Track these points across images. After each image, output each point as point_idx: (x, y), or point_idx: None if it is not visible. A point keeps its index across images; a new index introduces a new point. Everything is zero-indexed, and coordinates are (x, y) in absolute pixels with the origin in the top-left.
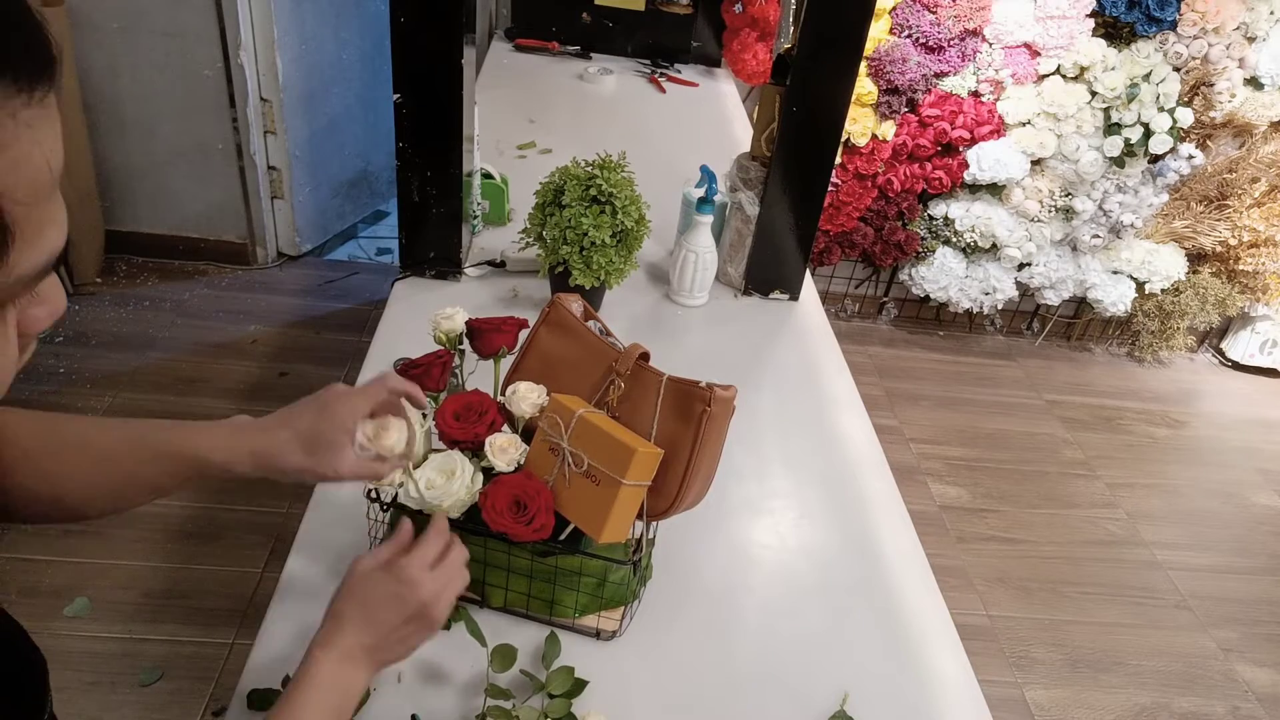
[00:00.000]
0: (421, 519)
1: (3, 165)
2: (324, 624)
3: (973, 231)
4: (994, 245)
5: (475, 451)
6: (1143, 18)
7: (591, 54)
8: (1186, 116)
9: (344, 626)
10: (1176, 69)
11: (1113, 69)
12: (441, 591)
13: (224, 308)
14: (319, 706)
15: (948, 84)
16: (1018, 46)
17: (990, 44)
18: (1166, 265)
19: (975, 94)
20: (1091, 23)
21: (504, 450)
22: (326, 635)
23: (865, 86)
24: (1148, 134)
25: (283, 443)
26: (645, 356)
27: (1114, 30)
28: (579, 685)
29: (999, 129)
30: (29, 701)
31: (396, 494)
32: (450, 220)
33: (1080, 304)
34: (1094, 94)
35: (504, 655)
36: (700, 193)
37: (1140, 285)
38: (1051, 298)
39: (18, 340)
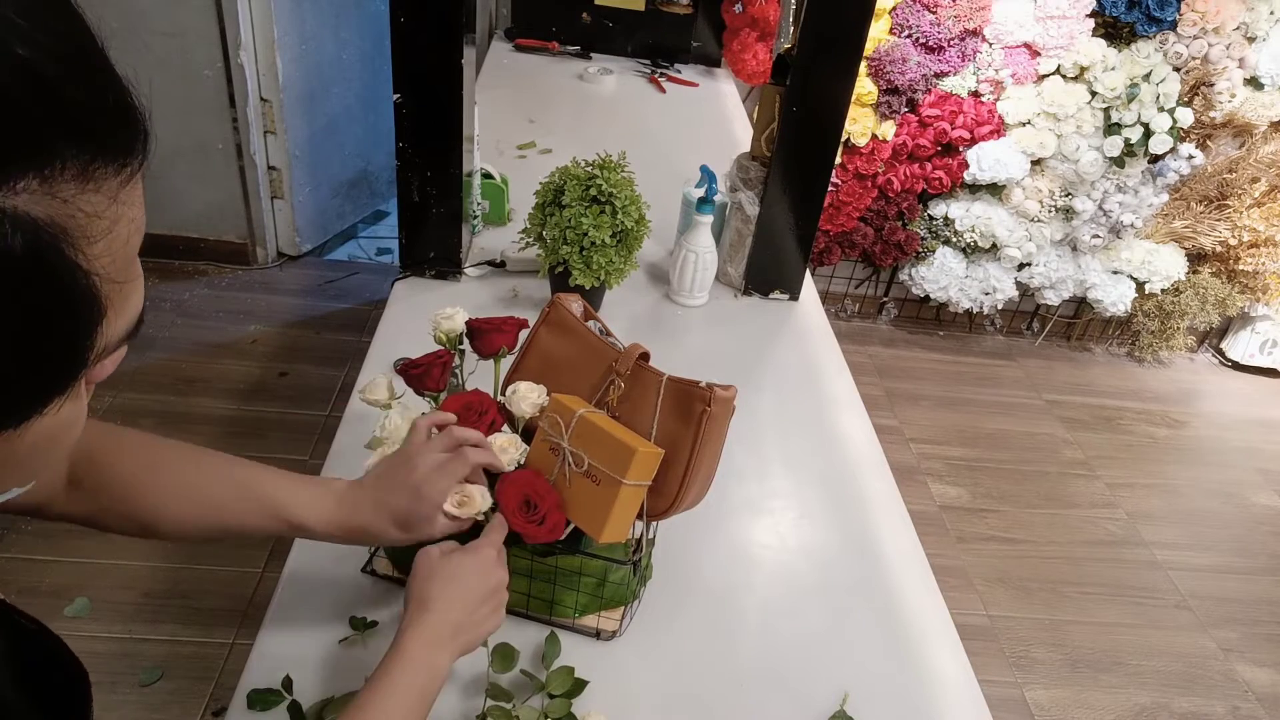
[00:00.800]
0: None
1: (102, 248)
2: (408, 609)
3: (973, 231)
4: (994, 245)
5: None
6: (1143, 18)
7: (591, 54)
8: (1186, 116)
9: (431, 605)
10: (1176, 69)
11: (1113, 69)
12: (506, 576)
13: (224, 308)
14: (410, 686)
15: (948, 84)
16: (1018, 46)
17: (990, 44)
18: (1166, 265)
19: (975, 94)
20: (1091, 23)
21: (504, 450)
22: (413, 618)
23: (865, 86)
24: (1148, 134)
25: (382, 526)
26: (645, 356)
27: (1114, 30)
28: (579, 685)
29: (999, 129)
30: (76, 715)
31: None
32: (450, 220)
33: (1080, 304)
34: (1094, 94)
35: (504, 655)
36: (700, 193)
37: (1140, 285)
38: (1051, 298)
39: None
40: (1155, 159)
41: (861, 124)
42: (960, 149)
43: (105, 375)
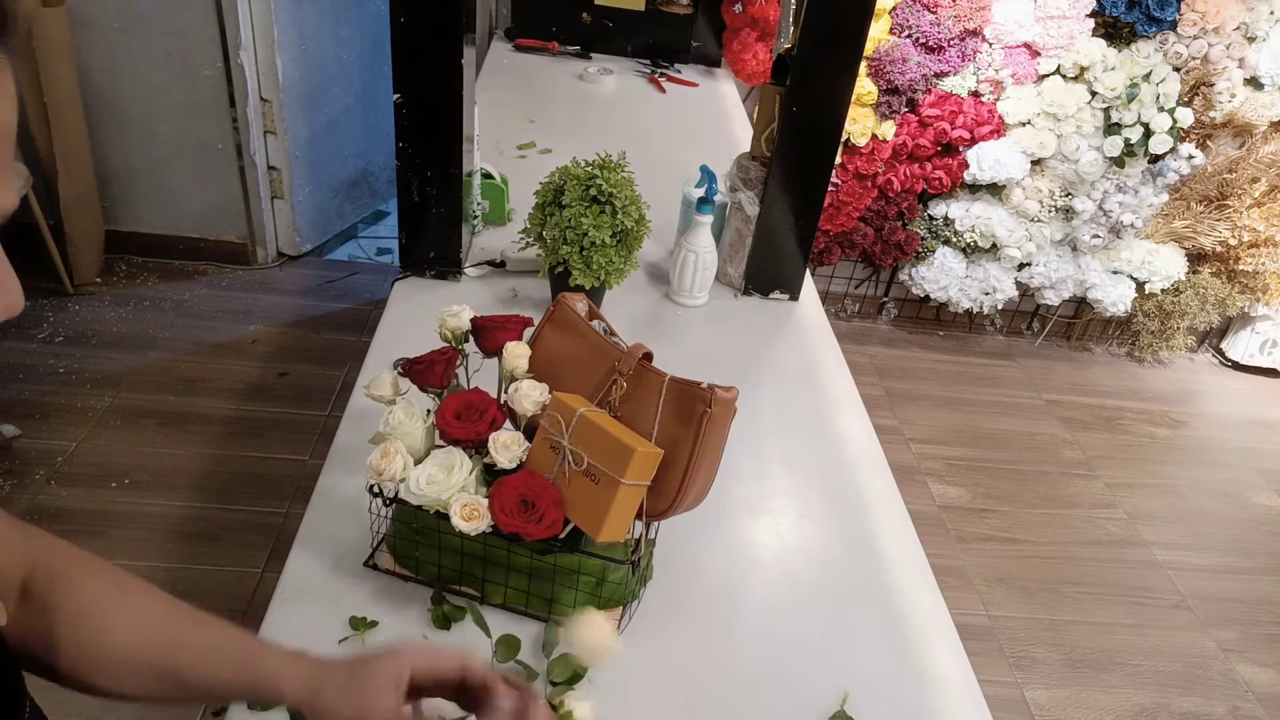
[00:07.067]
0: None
1: None
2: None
3: (973, 231)
4: (994, 245)
5: (477, 449)
6: (1143, 18)
7: (591, 54)
8: (1186, 116)
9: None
10: (1176, 69)
11: (1113, 69)
12: None
13: (224, 308)
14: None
15: (948, 84)
16: (1018, 46)
17: (990, 44)
18: (1166, 265)
19: (975, 94)
20: (1091, 23)
21: (507, 447)
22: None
23: (865, 86)
24: (1148, 134)
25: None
26: (648, 357)
27: (1114, 30)
28: (579, 672)
29: (999, 129)
30: (3, 707)
31: (398, 490)
32: (450, 220)
33: (1080, 304)
34: (1094, 94)
35: (508, 645)
36: (700, 193)
37: (1140, 285)
38: (1051, 298)
39: None
40: (1155, 159)
41: (861, 124)
42: (960, 149)
43: None
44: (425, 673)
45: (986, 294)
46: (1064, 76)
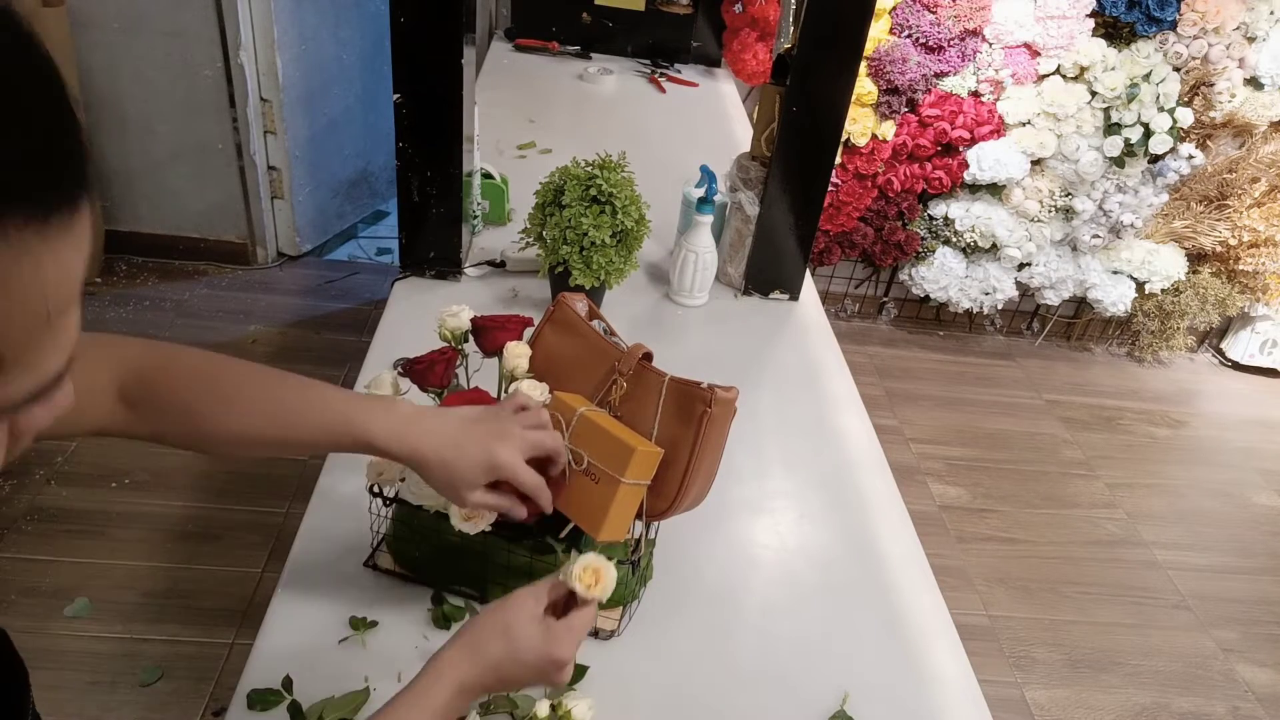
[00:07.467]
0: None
1: None
2: (463, 645)
3: (973, 231)
4: (994, 245)
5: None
6: (1143, 18)
7: (591, 54)
8: (1186, 116)
9: (481, 664)
10: (1176, 69)
11: (1113, 69)
12: (569, 665)
13: (224, 308)
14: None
15: (948, 84)
16: (1018, 46)
17: (990, 44)
18: (1166, 265)
19: (975, 94)
20: (1091, 23)
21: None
22: (460, 661)
23: (865, 86)
24: (1148, 134)
25: (435, 458)
26: (649, 356)
27: (1114, 30)
28: (579, 671)
29: (999, 129)
30: (8, 710)
31: (398, 490)
32: (450, 220)
33: (1080, 304)
34: (1094, 94)
35: None
36: (700, 193)
37: (1140, 285)
38: (1051, 298)
39: (11, 437)
40: (1155, 159)
41: (861, 124)
42: (960, 149)
43: (38, 426)
44: (534, 450)
45: (986, 294)
46: (1064, 76)
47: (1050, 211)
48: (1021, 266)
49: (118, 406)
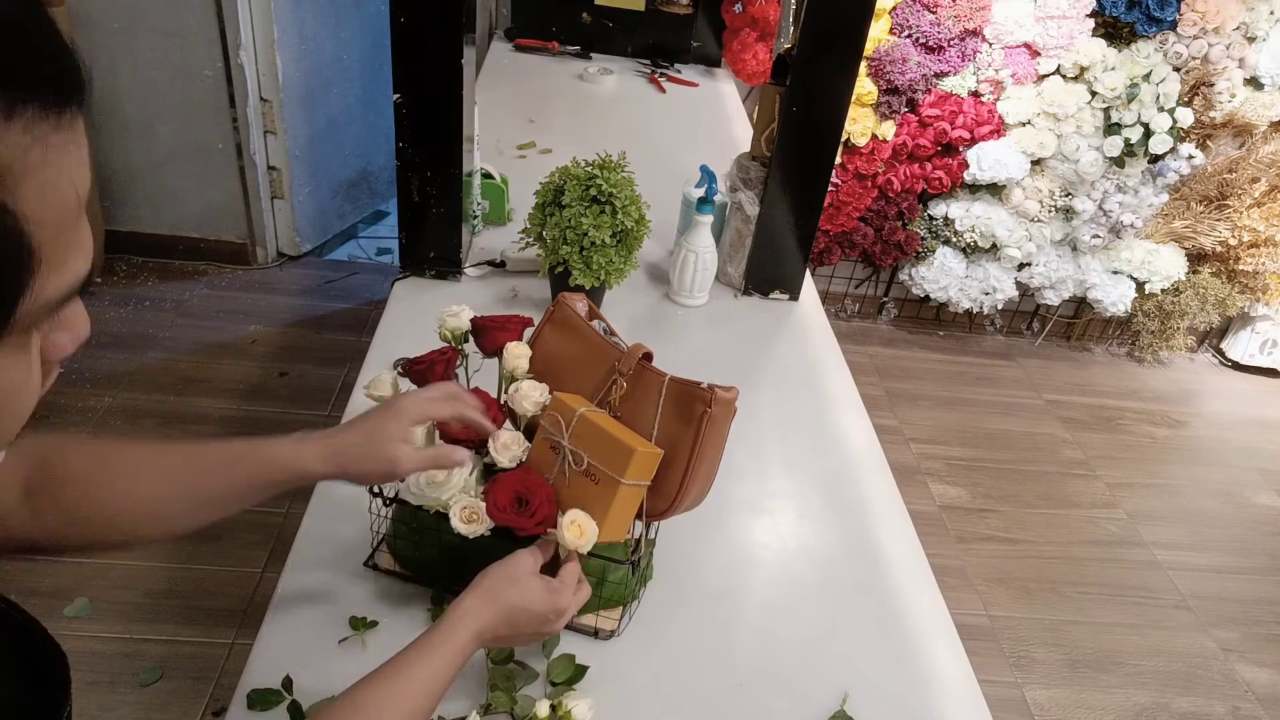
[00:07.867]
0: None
1: (30, 190)
2: (480, 594)
3: (973, 231)
4: (994, 245)
5: (478, 449)
6: (1143, 18)
7: (591, 54)
8: (1186, 116)
9: (496, 611)
10: (1176, 69)
11: (1113, 69)
12: (566, 614)
13: (224, 308)
14: (445, 668)
15: (948, 84)
16: (1018, 46)
17: (990, 44)
18: (1166, 265)
19: (975, 94)
20: (1091, 23)
21: (507, 447)
22: (479, 608)
23: (865, 86)
24: (1148, 134)
25: (359, 448)
26: (648, 357)
27: (1114, 30)
28: (580, 671)
29: (999, 129)
30: (51, 699)
31: (398, 490)
32: (450, 220)
33: (1080, 304)
34: (1094, 94)
35: None
36: (700, 193)
37: (1140, 285)
38: (1051, 298)
39: (41, 367)
40: (1155, 159)
41: (861, 124)
42: (960, 149)
43: (62, 354)
44: (422, 417)
45: (986, 294)
46: (1064, 76)
47: (1050, 211)
48: (1021, 266)
49: (22, 499)
